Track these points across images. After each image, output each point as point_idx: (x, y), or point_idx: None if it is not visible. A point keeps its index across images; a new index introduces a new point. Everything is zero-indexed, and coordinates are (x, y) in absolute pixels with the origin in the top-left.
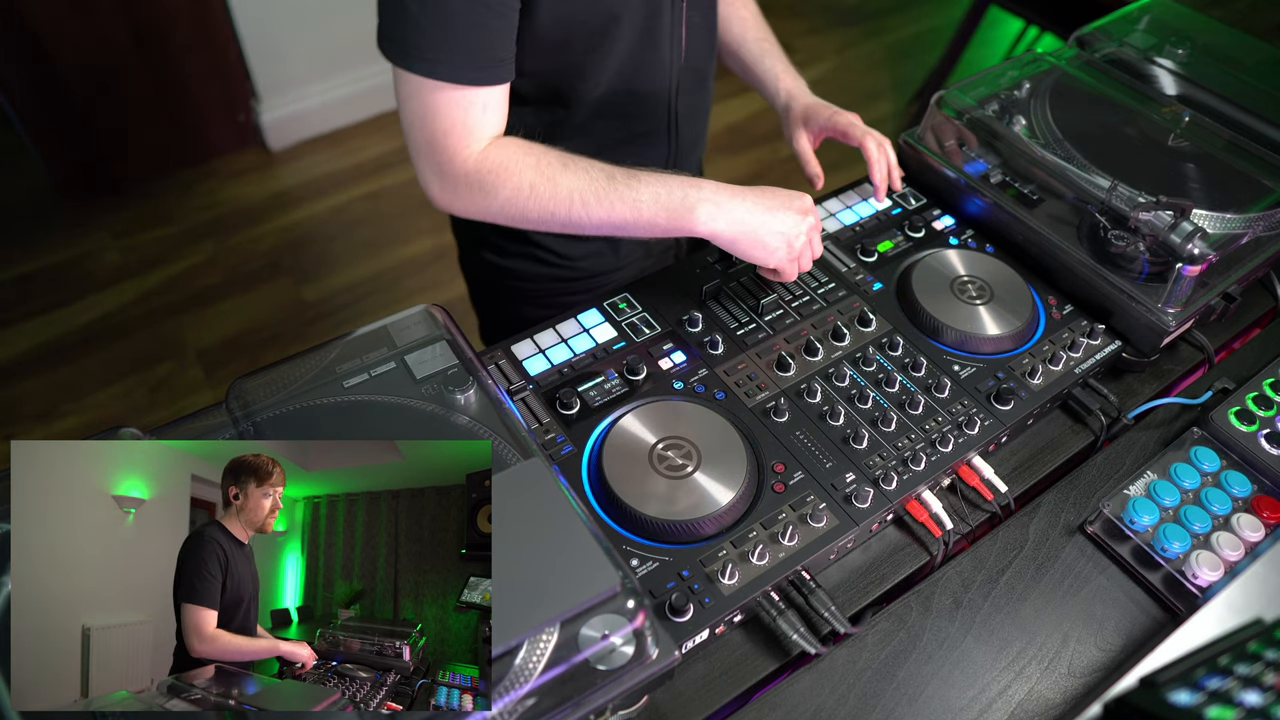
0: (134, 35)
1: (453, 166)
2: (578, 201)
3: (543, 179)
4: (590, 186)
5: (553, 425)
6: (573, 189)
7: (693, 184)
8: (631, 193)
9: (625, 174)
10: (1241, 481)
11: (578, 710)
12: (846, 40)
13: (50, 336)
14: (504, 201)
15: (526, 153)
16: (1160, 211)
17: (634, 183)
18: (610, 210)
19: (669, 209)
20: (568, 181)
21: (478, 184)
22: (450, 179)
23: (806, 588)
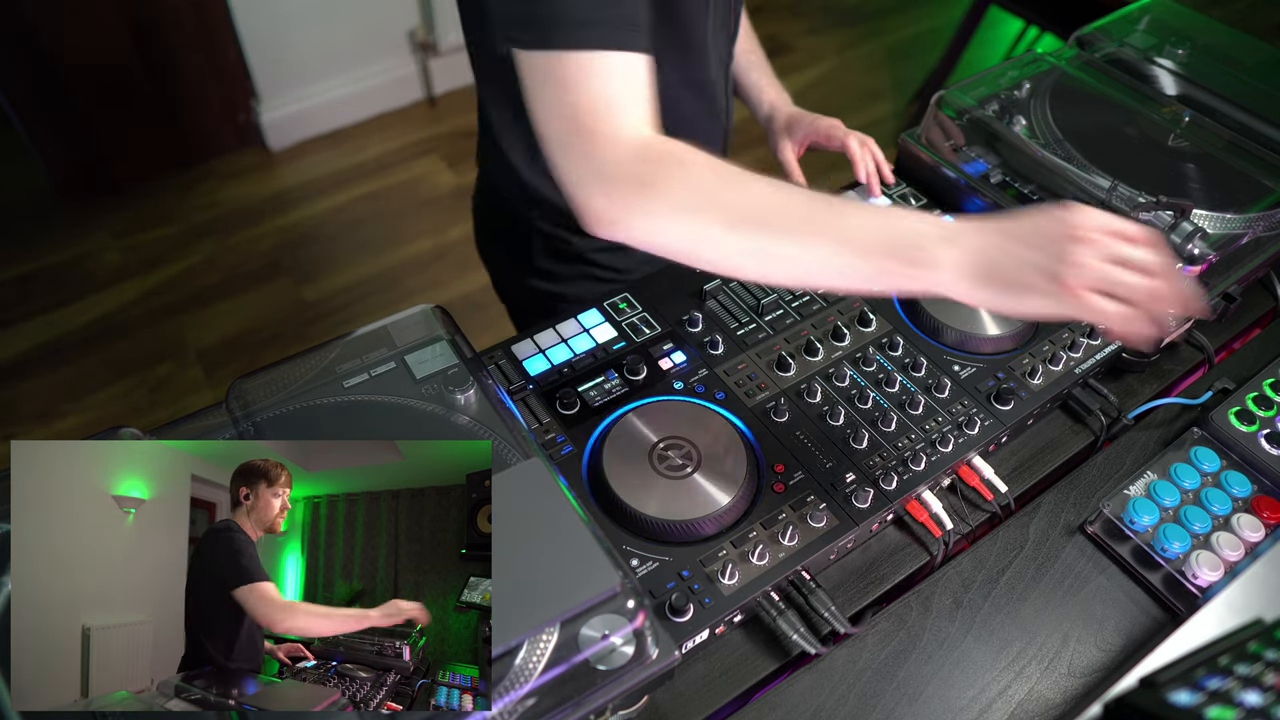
0: (134, 35)
1: (607, 151)
2: (774, 216)
3: (726, 180)
4: (788, 201)
5: (553, 425)
6: (766, 199)
7: (920, 215)
8: (842, 216)
9: (826, 197)
10: (1241, 481)
11: (578, 710)
12: (846, 40)
13: (50, 336)
14: (677, 203)
15: (699, 148)
16: (1160, 211)
17: (846, 205)
18: (816, 235)
19: (891, 242)
20: (760, 189)
21: (646, 177)
22: (608, 170)
23: (806, 588)
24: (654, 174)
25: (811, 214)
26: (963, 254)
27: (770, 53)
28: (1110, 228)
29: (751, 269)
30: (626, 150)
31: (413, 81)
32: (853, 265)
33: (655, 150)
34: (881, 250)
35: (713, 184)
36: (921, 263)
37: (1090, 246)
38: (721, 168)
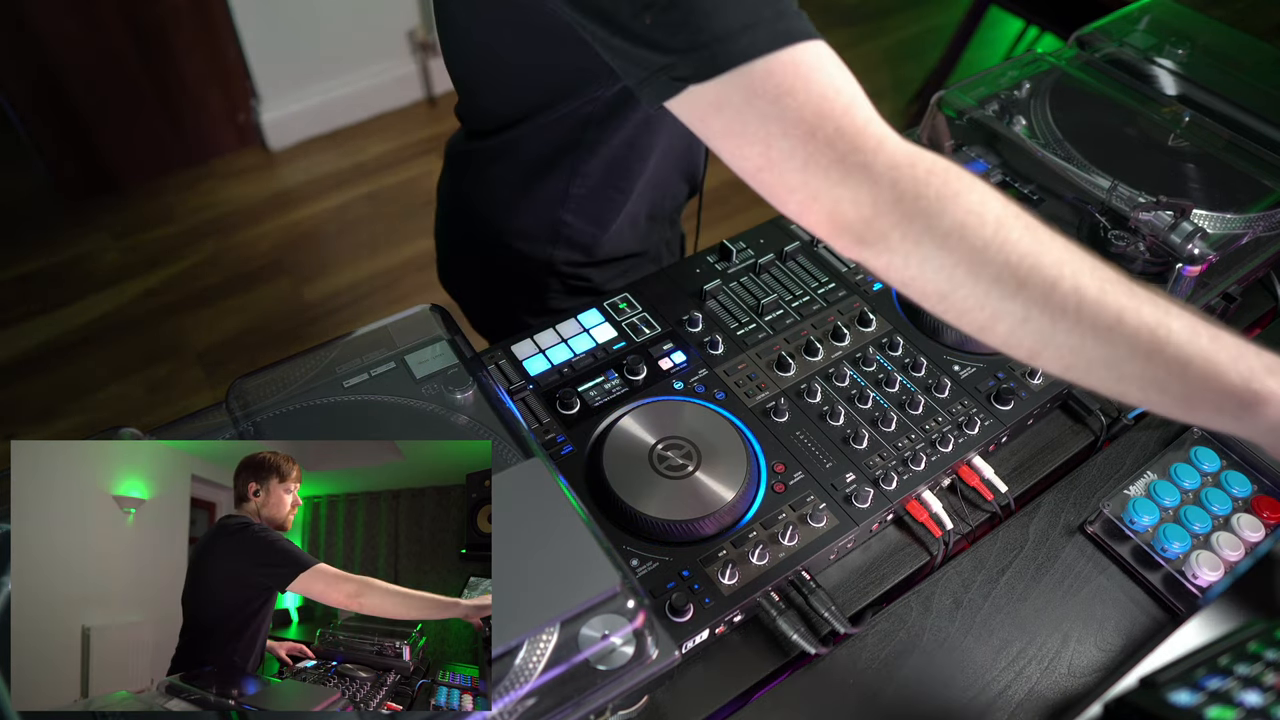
0: (134, 35)
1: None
2: (1068, 278)
3: (1016, 214)
4: (1092, 266)
5: (553, 425)
6: (1070, 262)
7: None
8: (1158, 312)
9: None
10: (1241, 481)
11: (578, 710)
12: (846, 40)
13: (50, 336)
14: (951, 225)
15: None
16: (1160, 211)
17: (1158, 299)
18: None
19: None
20: (1061, 250)
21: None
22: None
23: (806, 588)
24: (930, 188)
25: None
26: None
27: None
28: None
29: (1016, 343)
30: (895, 153)
31: (413, 81)
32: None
33: (930, 160)
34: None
35: (1002, 220)
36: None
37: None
38: (1014, 205)
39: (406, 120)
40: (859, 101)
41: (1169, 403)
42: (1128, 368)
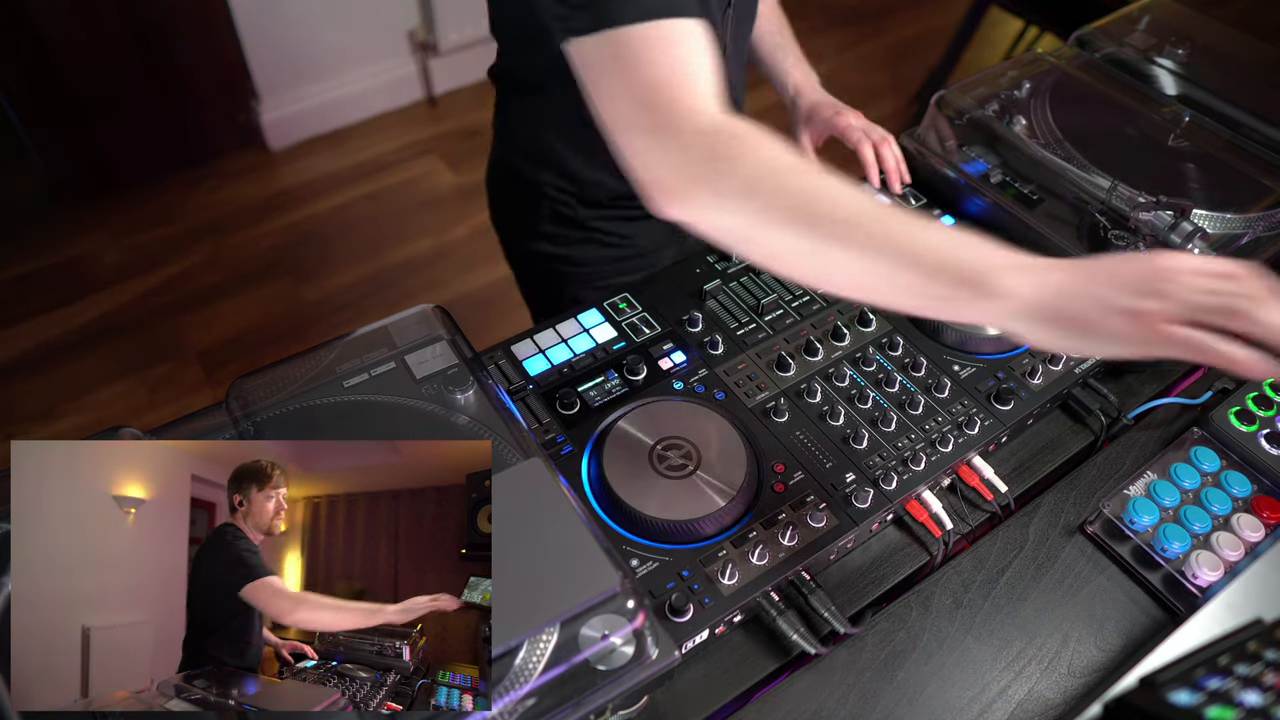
0: (134, 35)
1: (678, 123)
2: (842, 217)
3: (797, 166)
4: (855, 198)
5: (553, 425)
6: (839, 198)
7: (992, 244)
8: (908, 225)
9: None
10: (1241, 481)
11: (578, 710)
12: (846, 40)
13: (50, 336)
14: (746, 185)
15: (774, 135)
16: (1160, 211)
17: (913, 215)
18: (884, 243)
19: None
20: (833, 188)
21: (721, 150)
22: (677, 143)
23: (806, 588)
24: (729, 149)
25: (882, 222)
26: (1034, 288)
27: None
28: (1201, 268)
29: (806, 270)
30: (705, 121)
31: (413, 81)
32: (916, 284)
33: (733, 126)
34: (947, 272)
35: (787, 171)
36: (988, 291)
37: (1179, 281)
38: (799, 159)
39: (406, 120)
40: (699, 80)
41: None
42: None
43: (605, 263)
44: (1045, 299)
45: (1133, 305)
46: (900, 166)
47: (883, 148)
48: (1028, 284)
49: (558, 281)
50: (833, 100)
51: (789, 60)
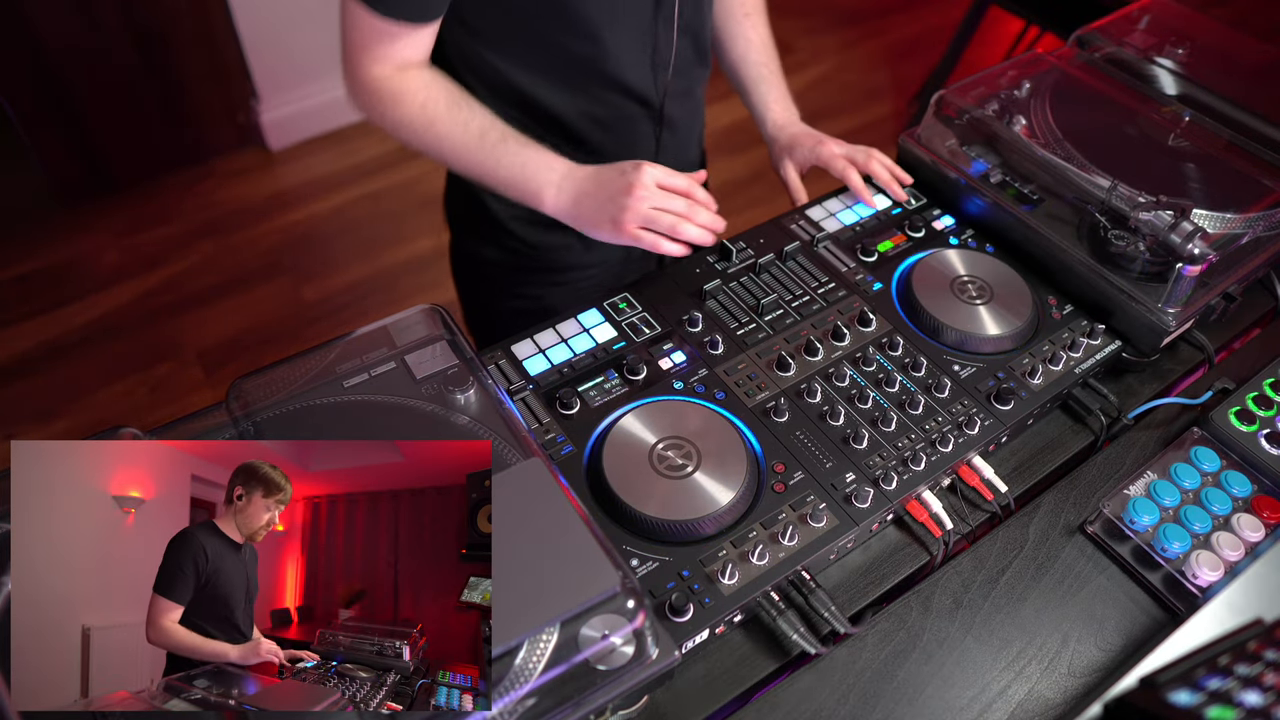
0: (134, 35)
1: (356, 75)
2: (448, 148)
3: (423, 117)
4: (461, 137)
5: (553, 425)
6: (443, 135)
7: (549, 162)
8: (494, 155)
9: (499, 134)
10: (1241, 481)
11: (578, 710)
12: (846, 40)
13: (50, 336)
14: (391, 124)
15: (423, 87)
16: (1160, 211)
17: (500, 146)
18: (474, 165)
19: (522, 180)
20: (443, 126)
21: (373, 103)
22: (354, 88)
23: (806, 588)
24: (380, 102)
25: (475, 148)
26: (560, 195)
27: None
28: (658, 180)
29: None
30: (369, 81)
31: None
32: (496, 185)
33: (389, 85)
34: (516, 187)
35: (413, 118)
36: (539, 201)
37: (640, 196)
38: (427, 104)
39: None
40: (389, 56)
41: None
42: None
43: (517, 271)
44: (569, 204)
45: (614, 214)
46: (895, 172)
47: (870, 165)
48: (559, 195)
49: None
50: (812, 131)
51: (771, 95)
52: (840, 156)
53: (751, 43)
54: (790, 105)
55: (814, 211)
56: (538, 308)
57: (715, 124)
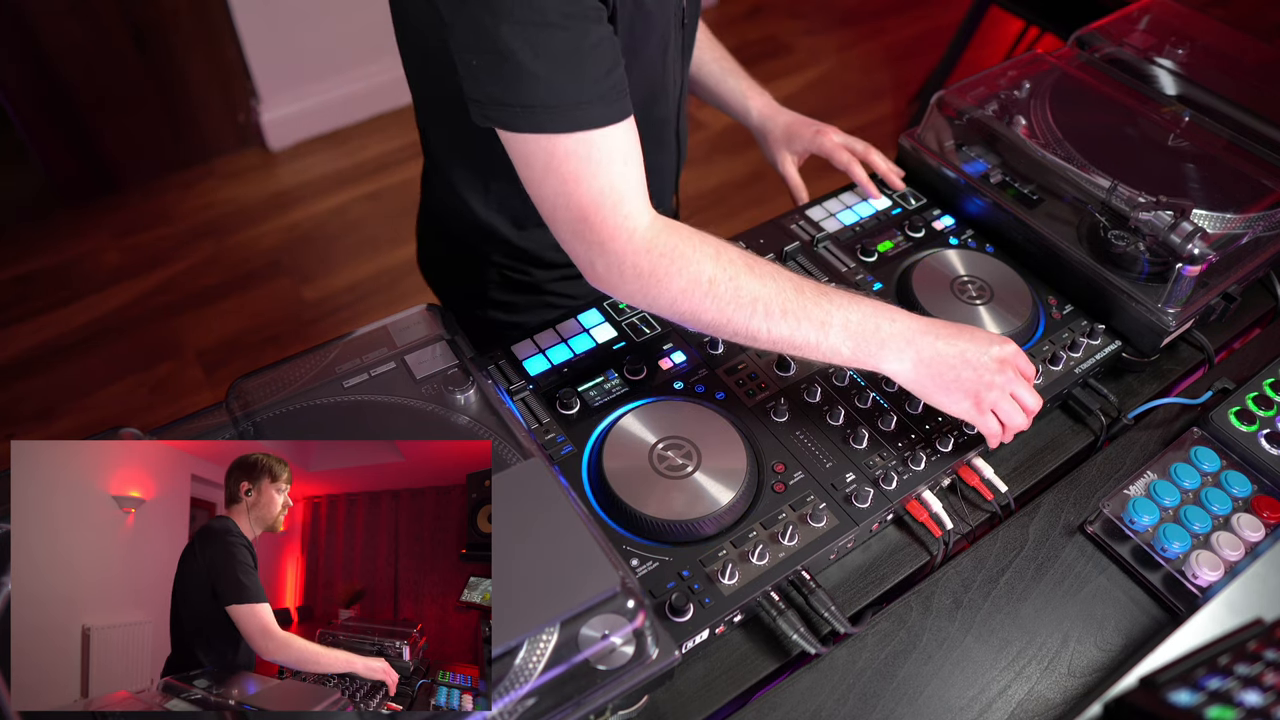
0: (134, 35)
1: (615, 246)
2: (761, 311)
3: (725, 276)
4: (777, 296)
5: (553, 425)
6: (758, 295)
7: (886, 313)
8: (820, 311)
9: (815, 288)
10: (1241, 481)
11: (578, 710)
12: (846, 40)
13: (50, 336)
14: (677, 294)
15: (704, 241)
16: (1160, 211)
17: (824, 301)
18: (794, 327)
19: (857, 338)
20: (752, 285)
21: (648, 271)
22: (615, 261)
23: (806, 588)
24: (659, 268)
25: (796, 306)
26: (912, 365)
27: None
28: (1020, 367)
29: (742, 342)
30: (636, 244)
31: None
32: (825, 356)
33: (660, 245)
34: (848, 349)
35: (712, 277)
36: (879, 361)
37: (1010, 378)
38: (722, 261)
39: (406, 120)
40: (629, 196)
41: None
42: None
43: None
44: (919, 372)
45: (976, 391)
46: (890, 165)
47: (869, 155)
48: (909, 360)
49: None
50: (806, 119)
51: (743, 85)
52: (842, 148)
53: (702, 43)
54: (764, 91)
55: (814, 211)
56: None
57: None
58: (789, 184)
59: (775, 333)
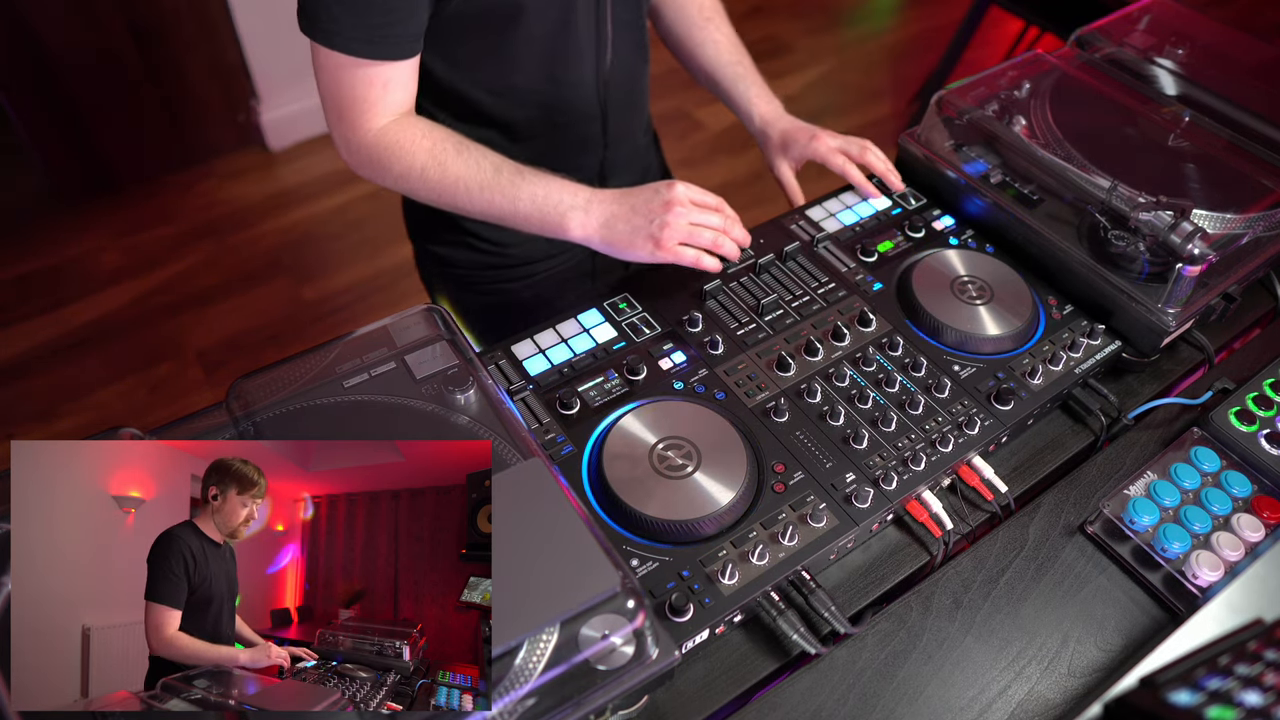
0: (134, 35)
1: (355, 136)
2: (461, 189)
3: (433, 162)
4: (476, 176)
5: (553, 425)
6: (459, 176)
7: (570, 190)
8: (513, 189)
9: (513, 169)
10: (1241, 481)
11: (578, 710)
12: (846, 40)
13: (50, 336)
14: (396, 177)
15: (425, 134)
16: (1160, 211)
17: (517, 179)
18: (489, 203)
19: (543, 211)
20: (456, 168)
21: (376, 158)
22: (353, 149)
23: (806, 588)
24: (382, 158)
25: (491, 185)
26: (588, 219)
27: (770, 53)
28: (693, 198)
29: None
30: (368, 138)
31: None
32: (517, 222)
33: (386, 140)
34: (537, 218)
35: (424, 164)
36: (564, 229)
37: (679, 212)
38: (435, 150)
39: None
40: (375, 110)
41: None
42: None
43: (485, 269)
44: (600, 230)
45: (652, 232)
46: (889, 177)
47: (865, 156)
48: (588, 221)
49: (448, 284)
50: (803, 125)
51: (752, 91)
52: (837, 151)
53: (719, 45)
54: (772, 97)
55: (814, 211)
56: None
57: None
58: (786, 190)
59: (475, 205)
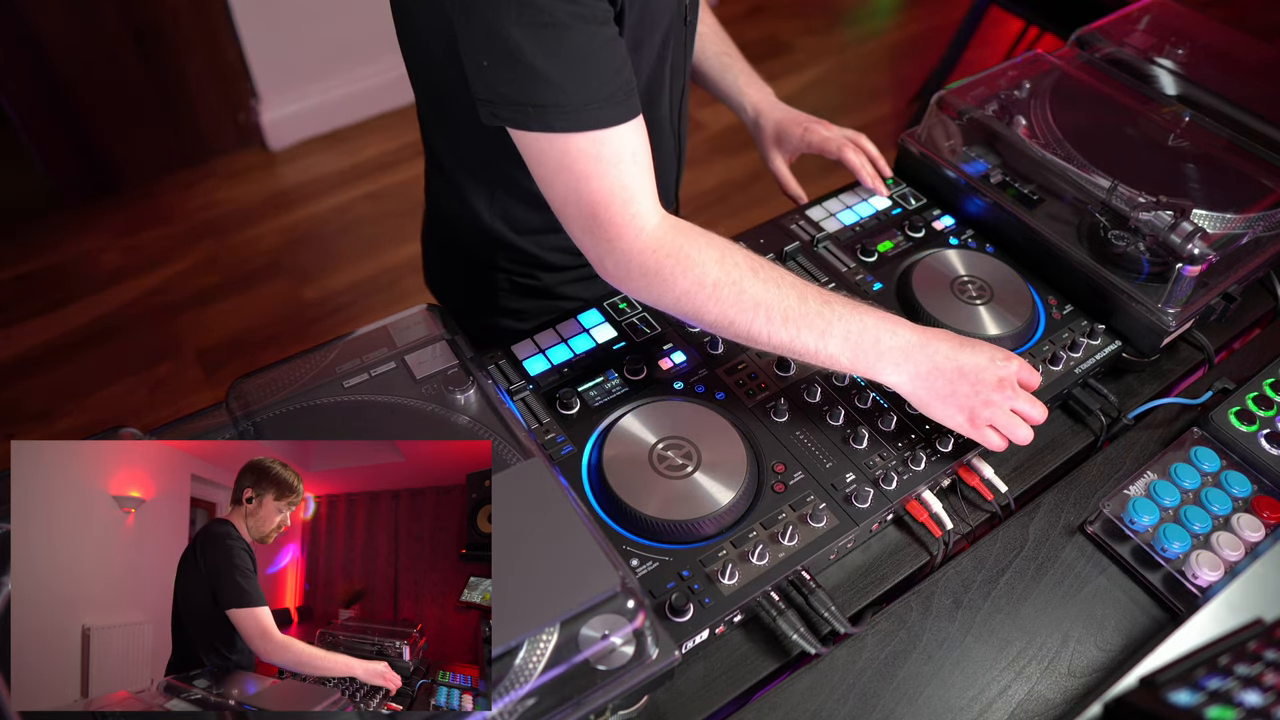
0: (134, 35)
1: (624, 243)
2: (763, 315)
3: (728, 279)
4: (780, 302)
5: (553, 425)
6: (760, 300)
7: (887, 324)
8: (821, 321)
9: (819, 296)
10: (1241, 481)
11: (578, 710)
12: (846, 40)
13: (50, 336)
14: (680, 294)
15: (710, 243)
16: (1160, 211)
17: (825, 310)
18: (795, 334)
19: (856, 348)
20: (755, 290)
21: (654, 269)
22: (623, 258)
23: (806, 588)
24: (665, 268)
25: (798, 314)
26: (910, 377)
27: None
28: (1023, 381)
29: (744, 343)
30: (643, 243)
31: None
32: (824, 363)
33: (667, 245)
34: (847, 358)
35: (716, 280)
36: (877, 374)
37: (1009, 396)
38: (726, 264)
39: (406, 120)
40: (638, 195)
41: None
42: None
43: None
44: (916, 385)
45: (973, 408)
46: (879, 164)
47: (860, 142)
48: (907, 373)
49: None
50: (797, 115)
51: (741, 79)
52: (833, 139)
53: (703, 36)
54: (763, 84)
55: (814, 211)
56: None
57: (715, 124)
58: (780, 182)
59: (776, 338)
